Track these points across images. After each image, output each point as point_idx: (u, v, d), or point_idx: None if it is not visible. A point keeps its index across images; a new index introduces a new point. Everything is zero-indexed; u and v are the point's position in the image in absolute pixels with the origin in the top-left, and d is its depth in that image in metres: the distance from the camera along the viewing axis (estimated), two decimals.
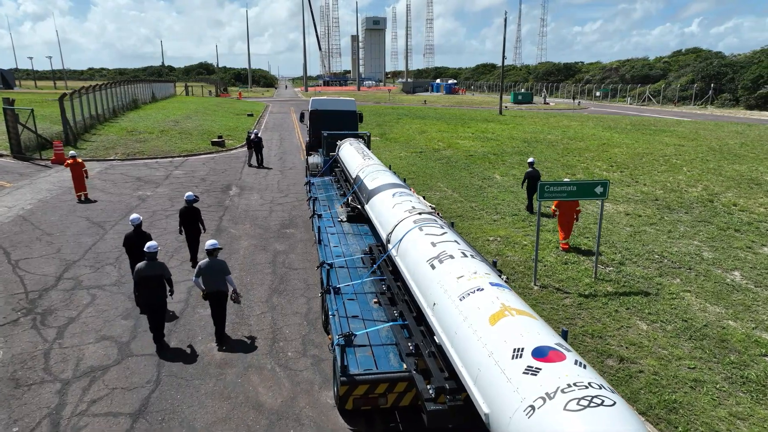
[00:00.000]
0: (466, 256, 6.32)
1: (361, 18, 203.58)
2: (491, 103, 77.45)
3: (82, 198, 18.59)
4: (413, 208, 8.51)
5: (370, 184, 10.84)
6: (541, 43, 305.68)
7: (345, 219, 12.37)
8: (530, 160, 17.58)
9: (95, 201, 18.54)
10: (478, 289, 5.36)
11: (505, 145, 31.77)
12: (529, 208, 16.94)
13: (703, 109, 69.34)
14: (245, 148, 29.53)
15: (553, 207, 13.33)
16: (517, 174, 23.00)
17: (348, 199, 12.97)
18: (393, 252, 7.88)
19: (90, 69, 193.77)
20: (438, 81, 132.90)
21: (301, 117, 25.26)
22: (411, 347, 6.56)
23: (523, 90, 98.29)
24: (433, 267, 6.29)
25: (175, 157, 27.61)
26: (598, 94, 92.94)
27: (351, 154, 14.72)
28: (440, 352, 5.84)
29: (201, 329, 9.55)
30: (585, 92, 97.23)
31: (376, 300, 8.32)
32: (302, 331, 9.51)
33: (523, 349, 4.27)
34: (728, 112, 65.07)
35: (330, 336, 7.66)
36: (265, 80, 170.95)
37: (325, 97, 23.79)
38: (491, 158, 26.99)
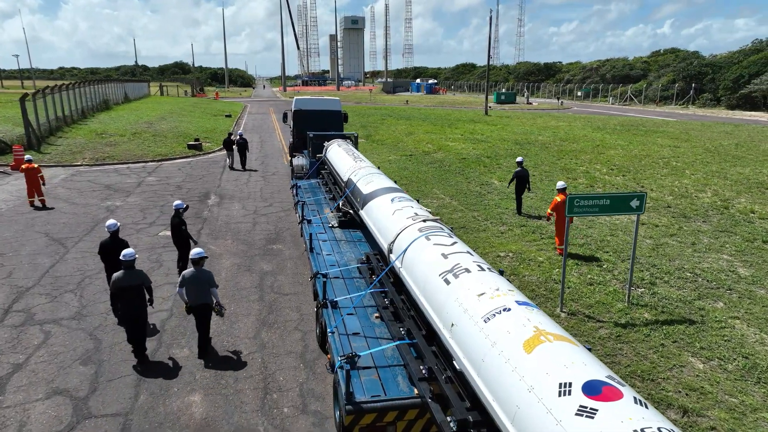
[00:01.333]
0: (483, 269, 5.64)
1: (339, 17, 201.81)
2: (474, 103, 76.51)
3: (36, 203, 17.13)
4: (416, 214, 7.74)
5: (364, 188, 10.03)
6: (518, 43, 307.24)
7: (336, 224, 11.66)
8: (519, 159, 17.03)
9: (52, 208, 16.87)
10: (504, 309, 4.73)
11: (497, 147, 30.53)
12: (518, 209, 16.59)
13: (685, 109, 69.34)
14: (224, 151, 27.79)
15: (549, 211, 12.91)
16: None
17: (339, 204, 12.10)
18: (397, 264, 7.11)
19: (60, 68, 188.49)
20: (418, 81, 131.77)
21: (284, 117, 24.72)
22: (424, 371, 5.79)
23: (504, 90, 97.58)
24: (447, 282, 5.60)
25: (148, 161, 25.71)
26: (579, 93, 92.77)
27: (340, 155, 13.93)
28: (458, 376, 5.19)
29: (177, 377, 7.95)
30: (566, 92, 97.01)
31: (377, 315, 7.59)
32: (299, 377, 7.97)
33: (571, 383, 3.66)
34: (710, 111, 65.09)
35: (329, 355, 7.02)
36: (242, 80, 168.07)
37: (308, 97, 22.82)
38: (485, 161, 25.68)
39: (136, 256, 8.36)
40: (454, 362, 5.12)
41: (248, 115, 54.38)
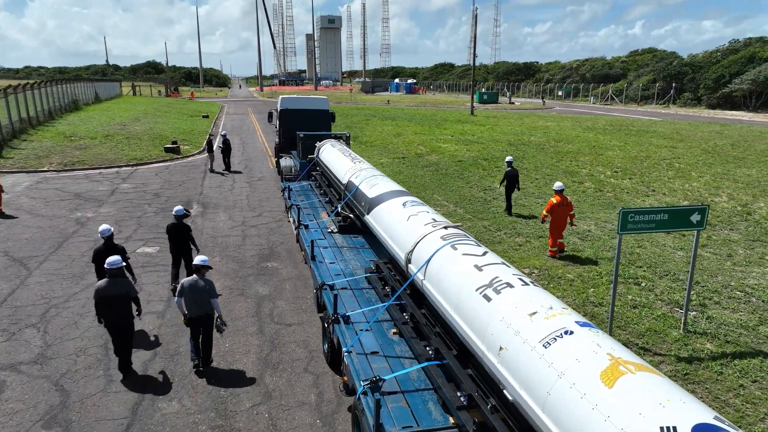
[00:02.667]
0: (526, 284, 5.05)
1: (315, 17, 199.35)
2: (456, 103, 75.61)
3: None
4: (434, 221, 7.05)
5: (369, 192, 9.31)
6: (494, 43, 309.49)
7: (336, 230, 11.03)
8: (508, 159, 16.64)
9: (15, 217, 15.17)
10: (565, 332, 4.17)
11: (491, 148, 29.33)
12: (508, 209, 16.26)
13: (667, 109, 69.46)
14: (204, 154, 26.12)
15: (545, 212, 12.44)
16: (521, 184, 20.48)
17: (339, 208, 11.33)
18: (419, 276, 6.38)
19: (27, 67, 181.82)
20: (397, 81, 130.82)
21: (269, 117, 24.14)
22: (462, 398, 5.14)
23: (484, 89, 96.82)
24: (487, 298, 4.97)
25: (122, 166, 23.81)
26: (560, 93, 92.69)
27: (336, 156, 13.22)
28: (505, 405, 4.61)
29: None
30: (547, 92, 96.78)
31: (395, 330, 6.90)
32: None
33: (675, 428, 3.07)
34: (692, 111, 65.23)
35: (345, 378, 6.39)
36: (217, 80, 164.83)
37: (295, 96, 22.24)
38: (483, 164, 24.43)
39: (123, 264, 7.77)
40: (504, 392, 4.48)
41: (226, 116, 52.37)
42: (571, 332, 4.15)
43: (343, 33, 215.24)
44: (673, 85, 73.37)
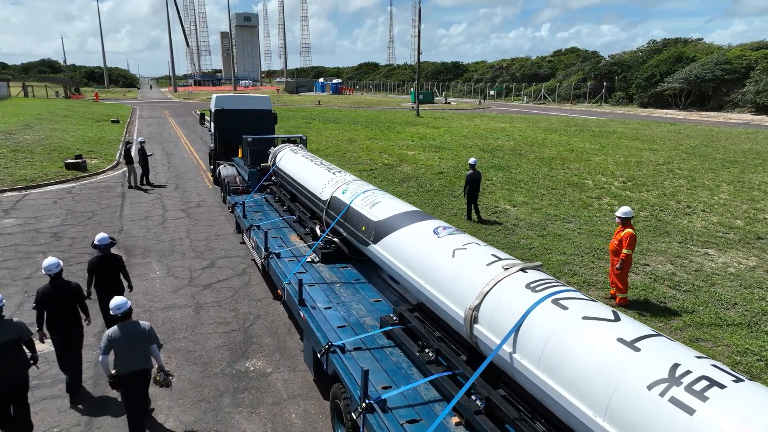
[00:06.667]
0: (739, 379, 3.05)
1: (230, 14, 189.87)
2: (391, 103, 72.34)
3: None
4: (497, 257, 4.88)
5: (371, 213, 7.16)
6: (412, 43, 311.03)
7: (318, 259, 8.82)
8: (471, 160, 15.20)
9: None
10: None
11: (465, 156, 25.66)
12: (469, 215, 14.81)
13: (600, 107, 69.73)
14: (121, 170, 20.64)
15: (625, 251, 9.22)
16: (527, 200, 16.91)
17: (324, 234, 8.92)
18: (505, 348, 4.14)
19: None
20: (322, 80, 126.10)
21: (201, 119, 21.51)
22: None
23: (412, 90, 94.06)
24: (686, 409, 2.94)
25: (5, 191, 17.86)
26: (492, 93, 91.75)
27: (303, 165, 10.91)
28: None
29: None
30: (477, 91, 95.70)
31: (458, 420, 4.63)
32: None
33: None
34: (626, 110, 65.59)
35: None
36: (124, 80, 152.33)
37: (232, 94, 19.60)
38: None
39: (4, 302, 5.78)
40: None
41: (140, 120, 45.62)
42: None
43: (260, 32, 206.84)
44: (605, 84, 73.93)
